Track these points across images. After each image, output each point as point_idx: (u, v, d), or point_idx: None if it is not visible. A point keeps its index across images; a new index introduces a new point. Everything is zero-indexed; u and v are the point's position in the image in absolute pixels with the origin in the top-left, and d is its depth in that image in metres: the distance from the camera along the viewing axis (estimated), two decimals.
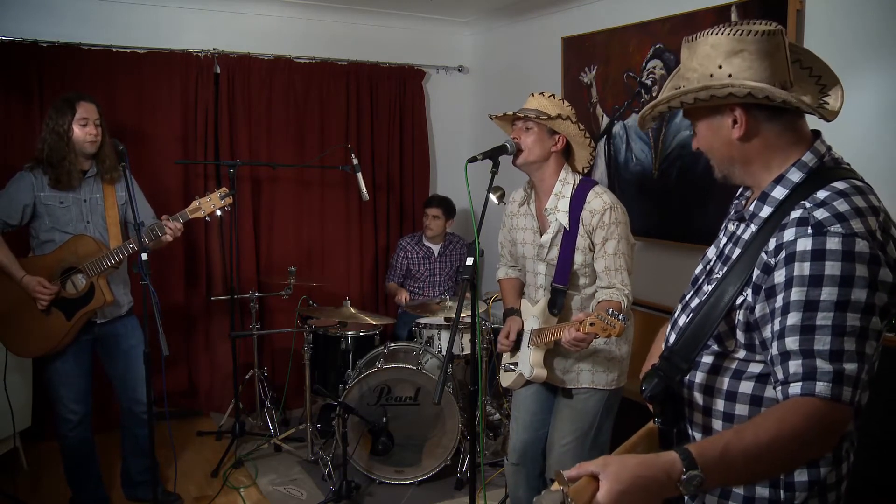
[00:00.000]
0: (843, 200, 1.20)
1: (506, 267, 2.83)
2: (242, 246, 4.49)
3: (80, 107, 2.93)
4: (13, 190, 2.95)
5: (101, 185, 3.06)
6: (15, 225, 2.97)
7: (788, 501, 1.28)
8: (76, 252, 2.94)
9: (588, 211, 2.45)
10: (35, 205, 2.95)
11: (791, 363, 1.16)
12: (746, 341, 1.29)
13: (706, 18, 3.18)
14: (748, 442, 1.10)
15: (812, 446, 1.15)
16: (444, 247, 4.59)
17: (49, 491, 3.46)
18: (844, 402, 1.13)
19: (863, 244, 1.15)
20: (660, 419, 1.38)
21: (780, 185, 1.30)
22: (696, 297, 1.43)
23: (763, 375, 1.28)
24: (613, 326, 2.11)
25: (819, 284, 1.15)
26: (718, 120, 1.32)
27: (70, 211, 2.99)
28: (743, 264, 1.28)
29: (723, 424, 1.33)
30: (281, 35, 4.55)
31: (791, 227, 1.21)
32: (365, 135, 4.83)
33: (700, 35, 1.32)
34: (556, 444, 2.58)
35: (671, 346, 1.39)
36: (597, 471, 1.04)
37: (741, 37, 1.27)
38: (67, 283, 2.96)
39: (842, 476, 1.32)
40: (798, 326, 1.16)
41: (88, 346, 3.11)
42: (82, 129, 2.93)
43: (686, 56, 1.35)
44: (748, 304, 1.26)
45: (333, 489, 3.29)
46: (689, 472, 1.06)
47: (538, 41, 4.42)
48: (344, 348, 3.93)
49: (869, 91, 2.65)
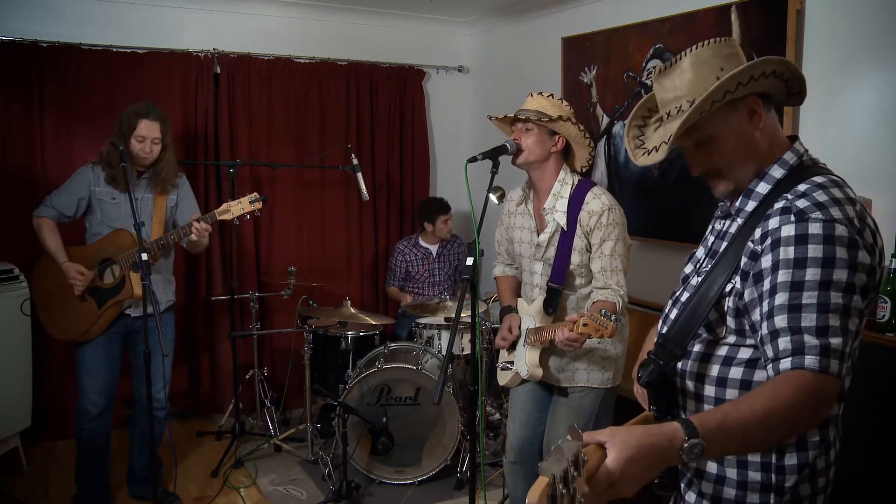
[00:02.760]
0: (822, 192, 1.28)
1: (502, 265, 2.84)
2: (242, 246, 4.49)
3: (142, 124, 3.05)
4: (72, 183, 3.13)
5: (154, 187, 3.18)
6: (70, 216, 3.14)
7: (779, 485, 1.34)
8: (115, 244, 3.07)
9: (586, 212, 2.45)
10: (90, 199, 3.12)
11: (780, 340, 1.23)
12: (737, 326, 1.36)
13: (706, 18, 3.18)
14: (745, 413, 1.16)
15: (804, 417, 1.21)
16: (442, 246, 4.59)
17: (49, 491, 3.45)
18: (832, 373, 1.19)
19: (842, 229, 1.23)
20: (654, 406, 1.42)
21: (763, 181, 1.38)
22: (685, 291, 1.49)
23: (752, 361, 1.35)
24: (606, 327, 2.14)
25: (803, 266, 1.23)
26: (734, 117, 1.36)
27: (120, 207, 3.10)
28: (731, 254, 1.36)
29: None
30: (281, 35, 4.55)
31: (775, 216, 1.29)
32: (365, 135, 4.83)
33: (676, 58, 1.38)
34: (553, 442, 2.57)
35: (665, 333, 1.44)
36: (604, 439, 1.08)
37: (721, 44, 1.37)
38: (106, 272, 3.09)
39: (830, 462, 1.38)
40: (786, 305, 1.23)
41: (120, 339, 3.18)
42: (138, 145, 3.07)
43: (669, 83, 1.39)
44: (737, 290, 1.33)
45: (333, 489, 3.30)
46: (690, 441, 1.10)
47: (538, 41, 4.42)
48: (344, 348, 3.93)
49: (869, 91, 2.65)
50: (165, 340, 2.71)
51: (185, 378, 4.46)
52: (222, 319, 4.39)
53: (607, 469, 1.04)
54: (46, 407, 3.94)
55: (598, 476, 1.03)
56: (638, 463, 1.06)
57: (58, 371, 3.90)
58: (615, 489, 1.05)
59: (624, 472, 1.05)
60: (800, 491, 1.34)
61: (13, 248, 3.77)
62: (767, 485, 1.35)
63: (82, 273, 3.04)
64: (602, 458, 1.06)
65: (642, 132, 1.56)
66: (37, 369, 3.77)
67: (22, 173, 3.91)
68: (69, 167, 3.50)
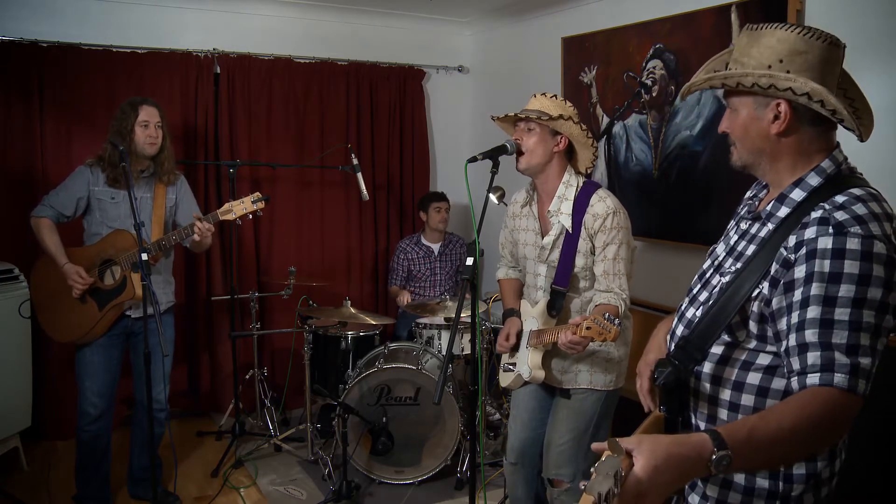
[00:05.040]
0: (862, 205, 1.26)
1: (506, 267, 2.83)
2: (242, 246, 4.49)
3: (143, 110, 3.06)
4: (71, 183, 3.11)
5: (154, 186, 3.18)
6: (69, 216, 3.12)
7: (786, 493, 1.34)
8: (115, 245, 3.06)
9: (591, 214, 2.45)
10: (89, 198, 3.10)
11: (809, 354, 1.21)
12: (759, 332, 1.33)
13: (706, 18, 3.18)
14: (773, 427, 1.15)
15: (827, 434, 1.20)
16: (443, 245, 4.59)
17: (49, 491, 3.45)
18: (859, 393, 1.18)
19: (880, 246, 1.21)
20: (665, 407, 1.41)
21: (798, 188, 1.35)
22: (704, 290, 1.47)
23: (771, 367, 1.33)
24: (609, 331, 2.13)
25: (838, 281, 1.21)
26: (761, 110, 1.35)
27: (120, 207, 3.09)
28: (761, 259, 1.33)
29: (728, 414, 1.38)
30: (281, 35, 4.55)
31: (812, 226, 1.26)
32: (365, 135, 4.83)
33: (766, 26, 1.35)
34: (554, 443, 2.58)
35: (685, 335, 1.42)
36: (630, 447, 1.07)
37: (809, 39, 1.31)
38: (106, 274, 3.08)
39: (834, 472, 1.37)
40: (817, 320, 1.21)
41: (120, 340, 3.17)
42: (143, 131, 3.05)
43: (745, 42, 1.37)
44: (764, 296, 1.31)
45: (333, 489, 3.30)
46: (719, 452, 1.10)
47: (538, 41, 4.42)
48: (344, 348, 3.93)
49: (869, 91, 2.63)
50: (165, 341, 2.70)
51: (185, 378, 4.46)
52: (222, 319, 4.39)
53: (636, 477, 1.03)
54: (46, 407, 3.93)
55: (627, 485, 1.02)
56: (666, 472, 1.05)
57: (58, 371, 3.90)
58: (642, 499, 1.04)
59: (652, 480, 1.04)
60: (804, 500, 1.34)
61: (13, 247, 3.77)
62: (774, 492, 1.34)
63: (81, 275, 3.02)
64: (629, 466, 1.05)
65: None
66: (37, 369, 3.77)
67: (22, 173, 3.91)
68: (69, 167, 3.49)
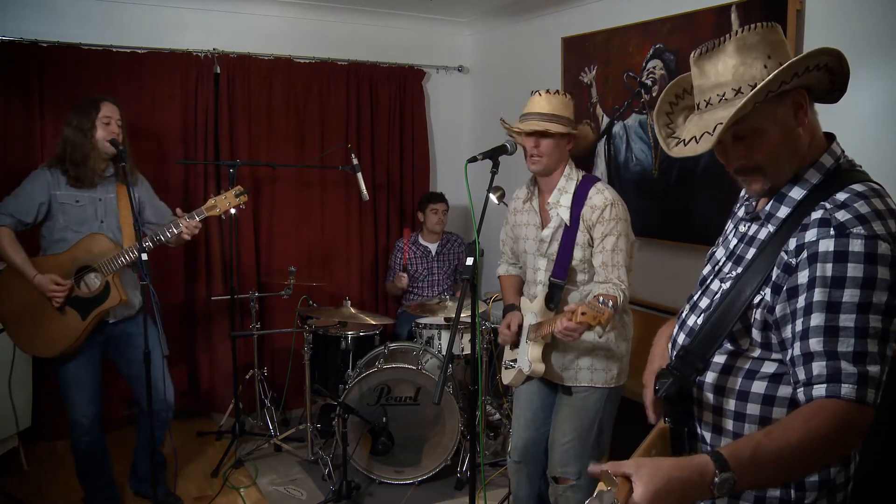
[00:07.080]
0: (864, 202, 1.20)
1: (506, 264, 2.84)
2: (242, 246, 4.49)
3: (104, 106, 2.96)
4: (30, 187, 2.95)
5: (116, 186, 3.07)
6: (29, 223, 2.96)
7: (799, 500, 1.29)
8: (90, 251, 2.94)
9: (589, 206, 2.46)
10: (50, 203, 2.95)
11: (815, 364, 1.16)
12: (762, 340, 1.29)
13: (706, 18, 3.18)
14: (779, 443, 1.11)
15: (838, 448, 1.16)
16: (441, 245, 4.59)
17: (49, 491, 3.46)
18: (868, 404, 1.13)
19: (885, 247, 1.16)
20: (670, 419, 1.38)
21: (797, 186, 1.29)
22: (704, 296, 1.42)
23: (776, 375, 1.28)
24: (602, 313, 2.10)
25: (842, 286, 1.15)
26: (780, 110, 1.27)
27: (85, 210, 2.99)
28: (761, 263, 1.28)
29: (734, 424, 1.33)
30: (281, 35, 4.55)
31: (813, 228, 1.21)
32: (365, 135, 4.83)
33: (718, 43, 1.26)
34: (558, 442, 2.58)
35: (686, 345, 1.38)
36: (629, 472, 1.04)
37: (768, 29, 1.26)
38: (81, 282, 2.96)
39: (849, 476, 1.32)
40: (822, 327, 1.16)
41: (99, 346, 3.10)
42: (105, 128, 2.95)
43: (712, 71, 1.27)
44: (766, 303, 1.26)
45: (333, 489, 3.30)
46: (722, 475, 1.06)
47: (538, 41, 4.42)
48: (344, 348, 3.93)
49: (869, 91, 2.65)
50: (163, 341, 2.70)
51: (185, 378, 4.46)
52: (222, 319, 4.39)
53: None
54: (46, 407, 3.93)
55: None
56: (666, 498, 1.03)
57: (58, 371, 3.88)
58: None
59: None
60: None
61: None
62: (787, 500, 1.30)
63: (58, 283, 2.87)
64: (629, 491, 1.03)
65: (671, 119, 1.43)
66: (37, 369, 3.76)
67: (22, 173, 3.84)
68: None
